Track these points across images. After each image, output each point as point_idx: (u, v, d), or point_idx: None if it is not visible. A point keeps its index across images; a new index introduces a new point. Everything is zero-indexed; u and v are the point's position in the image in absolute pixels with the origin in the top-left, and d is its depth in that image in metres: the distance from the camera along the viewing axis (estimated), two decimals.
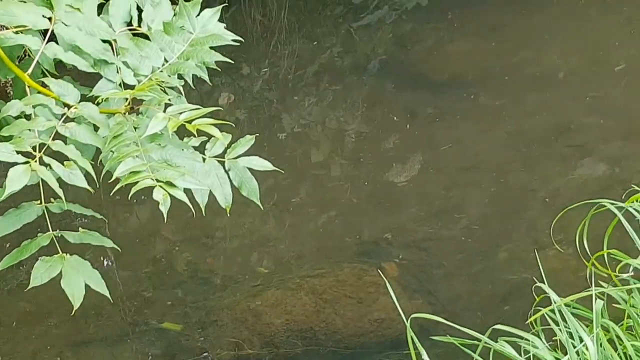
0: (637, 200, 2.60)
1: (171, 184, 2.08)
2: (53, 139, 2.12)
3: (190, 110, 2.13)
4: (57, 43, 2.29)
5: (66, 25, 2.24)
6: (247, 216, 4.01)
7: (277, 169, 2.26)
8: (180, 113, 2.15)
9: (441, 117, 4.67)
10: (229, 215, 2.30)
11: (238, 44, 2.51)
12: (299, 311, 3.33)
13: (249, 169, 2.26)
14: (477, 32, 5.30)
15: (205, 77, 2.46)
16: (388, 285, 2.16)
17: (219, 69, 2.35)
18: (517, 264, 3.71)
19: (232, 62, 2.45)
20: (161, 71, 2.18)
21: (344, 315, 3.35)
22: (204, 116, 2.16)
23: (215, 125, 2.19)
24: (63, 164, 2.09)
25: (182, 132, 2.15)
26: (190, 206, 2.07)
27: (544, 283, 2.32)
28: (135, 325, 3.59)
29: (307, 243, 3.93)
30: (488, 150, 4.44)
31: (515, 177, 4.27)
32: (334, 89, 5.04)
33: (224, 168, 2.26)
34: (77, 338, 3.51)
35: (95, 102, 2.21)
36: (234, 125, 2.27)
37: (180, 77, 2.47)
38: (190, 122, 2.11)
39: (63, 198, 2.09)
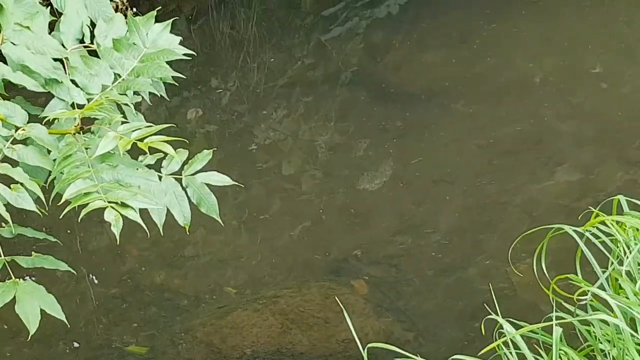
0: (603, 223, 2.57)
1: (124, 205, 2.04)
2: (1, 162, 2.08)
3: (143, 128, 2.09)
4: (5, 63, 2.25)
5: (15, 44, 2.20)
6: (216, 233, 3.96)
7: (236, 183, 2.22)
8: (133, 131, 2.11)
9: (412, 129, 4.64)
10: (187, 233, 2.26)
11: (198, 56, 2.47)
12: (265, 333, 3.28)
13: (208, 185, 2.23)
14: (448, 42, 5.28)
15: (162, 93, 2.42)
16: (345, 311, 2.12)
17: (189, 82, 2.31)
18: (488, 279, 3.67)
19: (184, 76, 2.41)
20: (111, 89, 2.14)
21: (311, 336, 3.30)
22: (158, 133, 2.13)
23: (168, 142, 2.16)
24: (10, 187, 2.05)
25: (138, 150, 2.11)
26: (145, 227, 2.03)
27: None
28: (100, 348, 3.53)
29: (276, 261, 3.88)
30: (459, 163, 4.41)
31: (486, 189, 4.25)
32: (305, 101, 5.00)
33: (182, 185, 2.23)
34: None
35: (45, 123, 2.17)
36: (187, 141, 2.22)
37: (136, 93, 2.44)
38: (142, 140, 2.07)
39: (10, 222, 2.05)
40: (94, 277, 3.87)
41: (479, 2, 5.45)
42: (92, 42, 2.37)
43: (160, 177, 2.16)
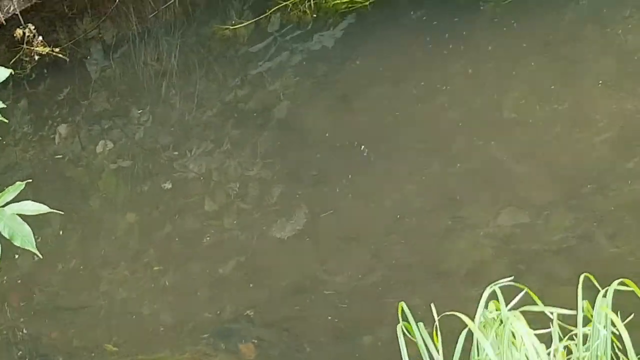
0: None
1: None
2: None
3: None
4: None
5: None
6: (102, 282, 3.87)
7: (55, 210, 2.16)
8: None
9: (328, 178, 4.58)
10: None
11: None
12: None
13: (23, 215, 2.17)
14: (385, 79, 5.20)
15: None
16: None
17: (107, 113, 2.25)
18: (384, 347, 3.61)
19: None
20: None
21: None
22: None
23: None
24: None
25: None
26: None
27: None
28: None
29: (165, 318, 3.79)
30: (371, 218, 4.35)
31: (394, 249, 4.18)
32: (223, 139, 4.92)
33: None
34: None
35: None
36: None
37: None
38: None
39: None
40: None
41: (417, 39, 5.40)
42: None
43: None
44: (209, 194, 4.56)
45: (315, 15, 5.44)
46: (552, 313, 2.65)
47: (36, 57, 5.33)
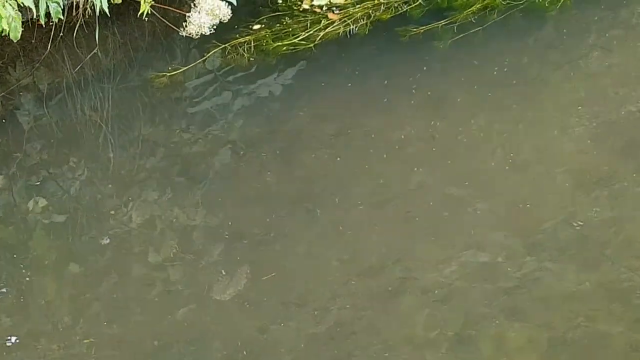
0: None
1: None
2: None
3: None
4: None
5: None
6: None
7: None
8: None
9: (270, 238, 4.43)
10: None
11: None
12: None
13: None
14: (334, 134, 5.04)
15: None
16: None
17: (40, 166, 2.11)
18: None
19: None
20: None
21: None
22: None
23: None
24: None
25: None
26: None
27: None
28: None
29: None
30: (315, 281, 4.21)
31: (339, 315, 4.04)
32: (160, 193, 4.75)
33: None
34: None
35: None
36: None
37: None
38: None
39: None
40: None
41: (363, 94, 5.25)
42: None
43: None
44: (142, 252, 4.40)
45: (252, 59, 5.31)
46: None
47: None
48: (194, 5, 4.61)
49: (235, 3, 4.84)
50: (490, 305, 4.13)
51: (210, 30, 4.73)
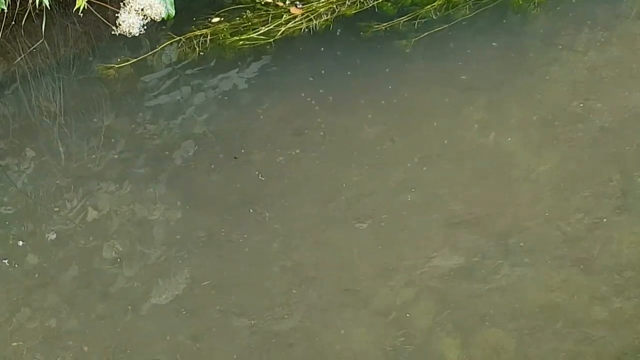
0: None
1: None
2: None
3: None
4: None
5: None
6: None
7: None
8: None
9: (214, 241, 4.39)
10: None
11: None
12: None
13: None
14: (291, 134, 4.95)
15: None
16: None
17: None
18: None
19: None
20: None
21: None
22: None
23: None
24: None
25: None
26: None
27: None
28: None
29: None
30: (257, 290, 4.18)
31: (275, 326, 4.02)
32: (115, 188, 4.70)
33: None
34: None
35: None
36: None
37: None
38: None
39: None
40: None
41: (323, 93, 5.15)
42: None
43: None
44: (80, 253, 4.36)
45: (207, 54, 5.21)
46: None
47: None
48: (124, 4, 4.49)
49: None
50: (436, 320, 4.08)
51: (140, 31, 4.61)
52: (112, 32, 4.50)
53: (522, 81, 5.26)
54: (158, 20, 4.53)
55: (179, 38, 5.25)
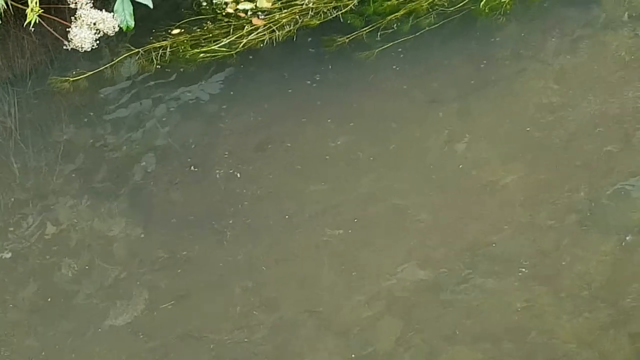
0: None
1: None
2: None
3: None
4: None
5: None
6: None
7: None
8: None
9: (174, 262, 4.30)
10: None
11: None
12: None
13: None
14: (253, 149, 4.85)
15: None
16: None
17: None
18: None
19: None
20: None
21: None
22: None
23: None
24: None
25: None
26: None
27: None
28: None
29: None
30: (217, 312, 4.10)
31: (234, 351, 3.93)
32: (74, 203, 4.60)
33: None
34: None
35: None
36: None
37: None
38: None
39: None
40: None
41: (287, 107, 5.07)
42: None
43: None
44: (34, 272, 4.26)
45: (166, 67, 5.12)
46: None
47: None
48: (75, 18, 4.36)
49: (151, 5, 4.65)
50: (399, 342, 4.03)
51: (93, 46, 4.48)
52: (65, 47, 4.39)
53: (490, 90, 5.21)
54: (112, 35, 4.41)
55: (137, 50, 5.16)
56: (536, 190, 4.67)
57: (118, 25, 4.52)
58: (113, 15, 4.34)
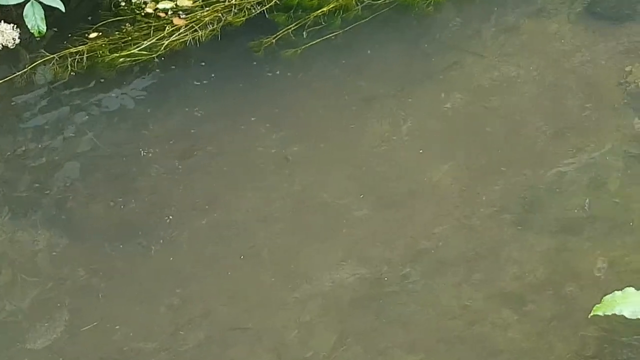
0: None
1: None
2: None
3: None
4: None
5: None
6: None
7: None
8: None
9: (95, 280, 4.13)
10: None
11: None
12: None
13: None
14: (179, 157, 4.65)
15: None
16: None
17: None
18: None
19: None
20: None
21: None
22: None
23: None
24: None
25: None
26: None
27: None
28: None
29: None
30: (141, 332, 3.94)
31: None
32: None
33: None
34: None
35: None
36: None
37: None
38: None
39: None
40: None
41: (212, 111, 4.90)
42: None
43: None
44: None
45: (83, 73, 4.90)
46: None
47: None
48: None
49: (63, 9, 4.46)
50: (332, 357, 3.92)
51: None
52: None
53: (424, 86, 5.09)
54: (11, 47, 4.22)
55: (52, 56, 4.95)
56: (472, 190, 4.57)
57: (29, 31, 4.35)
58: (13, 27, 4.16)
